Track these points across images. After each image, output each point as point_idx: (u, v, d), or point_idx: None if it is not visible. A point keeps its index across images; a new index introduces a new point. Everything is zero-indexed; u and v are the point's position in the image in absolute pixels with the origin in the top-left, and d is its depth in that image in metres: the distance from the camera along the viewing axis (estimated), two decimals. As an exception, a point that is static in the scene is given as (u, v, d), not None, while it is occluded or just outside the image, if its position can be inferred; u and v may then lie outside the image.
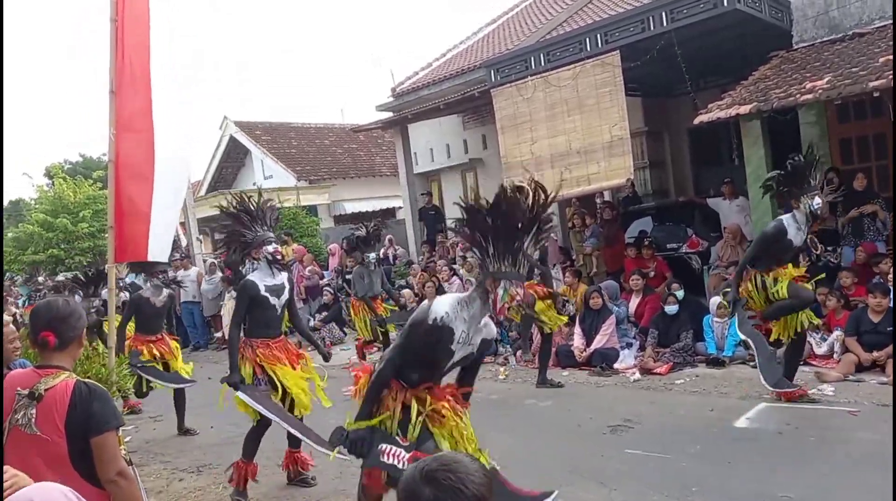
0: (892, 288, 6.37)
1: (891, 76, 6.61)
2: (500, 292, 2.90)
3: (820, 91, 7.15)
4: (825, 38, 8.68)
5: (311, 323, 11.21)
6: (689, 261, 9.32)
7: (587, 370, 7.50)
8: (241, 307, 4.56)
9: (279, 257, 4.62)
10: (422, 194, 13.89)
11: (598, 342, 7.62)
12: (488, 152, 13.07)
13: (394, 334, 8.75)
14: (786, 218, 5.36)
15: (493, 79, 10.13)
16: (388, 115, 14.40)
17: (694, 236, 9.55)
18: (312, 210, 17.47)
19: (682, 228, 9.87)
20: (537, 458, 4.89)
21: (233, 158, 21.80)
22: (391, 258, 13.08)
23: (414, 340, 3.07)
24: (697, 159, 12.46)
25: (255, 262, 4.72)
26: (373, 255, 8.43)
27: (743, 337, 5.70)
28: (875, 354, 6.07)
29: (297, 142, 21.25)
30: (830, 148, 8.99)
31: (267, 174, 20.36)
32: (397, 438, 3.07)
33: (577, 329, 7.92)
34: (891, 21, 8.30)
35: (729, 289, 6.01)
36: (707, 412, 5.50)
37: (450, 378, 3.35)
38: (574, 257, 10.69)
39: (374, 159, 21.46)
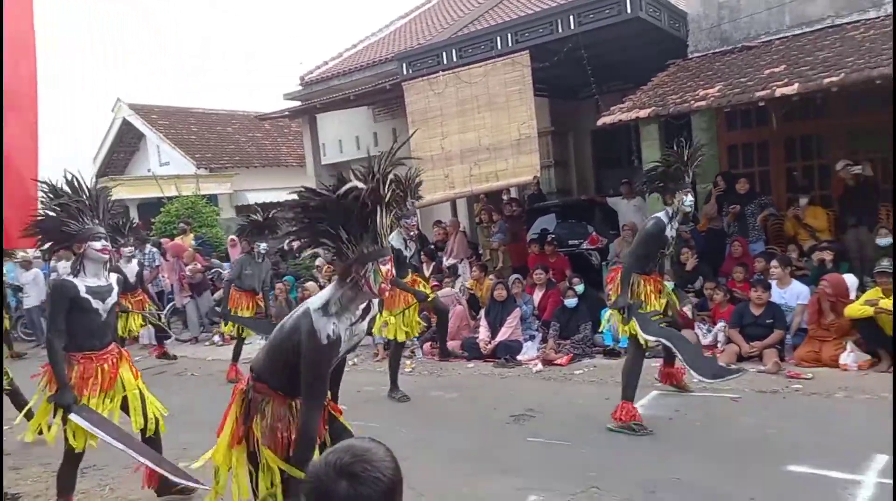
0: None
1: (774, 88, 7.13)
2: (370, 275, 2.67)
3: (712, 99, 7.60)
4: (717, 50, 9.26)
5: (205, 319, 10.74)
6: (589, 257, 9.69)
7: (492, 361, 7.62)
8: (57, 312, 3.86)
9: (107, 255, 3.99)
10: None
11: (503, 334, 7.77)
12: (398, 146, 13.00)
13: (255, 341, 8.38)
14: (661, 214, 5.29)
15: (404, 72, 10.08)
16: (295, 104, 14.02)
17: (594, 233, 9.92)
18: (213, 200, 16.75)
19: (583, 225, 10.22)
20: (441, 449, 4.91)
21: (126, 143, 20.56)
22: (295, 250, 12.75)
23: (324, 365, 2.72)
24: (599, 160, 12.98)
25: (76, 259, 3.95)
26: (263, 245, 8.04)
27: (653, 340, 5.08)
28: (755, 344, 6.52)
29: (198, 128, 20.32)
30: (719, 153, 9.61)
31: (163, 161, 19.34)
32: None
33: (483, 322, 8.04)
34: (776, 37, 8.97)
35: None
36: (604, 400, 5.71)
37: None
38: (481, 252, 10.85)
39: (279, 149, 20.86)
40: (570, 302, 7.75)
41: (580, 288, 7.83)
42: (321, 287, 9.83)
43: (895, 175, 7.48)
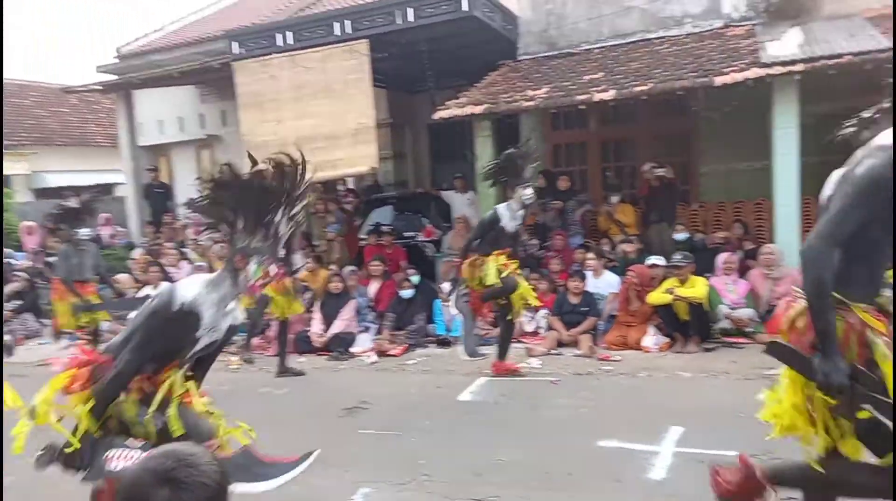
0: None
1: (593, 93, 7.69)
2: (252, 267, 2.72)
3: (539, 100, 8.04)
4: (545, 54, 9.80)
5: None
6: (424, 249, 9.84)
7: (325, 355, 7.46)
8: None
9: None
10: (147, 170, 12.51)
11: (337, 326, 7.64)
12: (228, 129, 12.28)
13: (109, 324, 7.76)
14: (501, 207, 5.86)
15: (234, 51, 9.53)
16: (110, 78, 12.70)
17: (429, 225, 10.10)
18: (6, 181, 14.73)
19: (418, 218, 10.37)
20: (270, 447, 4.69)
21: None
22: (107, 239, 11.60)
23: (153, 331, 2.70)
24: (435, 154, 13.23)
25: None
26: (86, 231, 7.33)
27: (454, 312, 6.50)
28: (573, 331, 7.02)
29: (-14, 98, 17.70)
30: (545, 152, 10.21)
31: (-58, 133, 16.62)
32: (127, 441, 2.70)
33: (317, 315, 7.85)
34: (595, 46, 9.67)
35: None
36: (435, 389, 5.83)
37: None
38: (316, 243, 10.59)
39: (88, 127, 18.82)
40: (406, 293, 7.82)
41: (415, 279, 7.93)
42: (137, 281, 9.03)
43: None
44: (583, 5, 9.73)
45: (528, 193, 5.74)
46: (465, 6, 8.30)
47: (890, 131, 2.06)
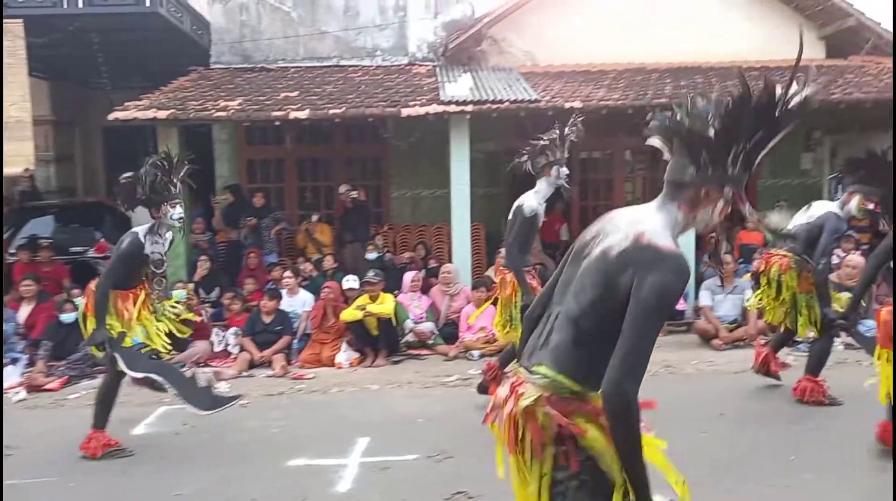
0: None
1: (289, 110, 7.69)
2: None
3: (232, 111, 7.75)
4: (239, 65, 9.52)
5: None
6: (96, 266, 8.65)
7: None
8: None
9: None
10: None
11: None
12: None
13: None
14: (140, 229, 4.66)
15: None
16: None
17: (103, 240, 8.94)
18: None
19: (90, 230, 9.12)
20: None
21: None
22: None
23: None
24: (111, 159, 11.81)
25: None
26: None
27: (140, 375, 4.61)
28: (266, 351, 6.83)
29: None
30: (239, 167, 9.85)
31: None
32: None
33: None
34: (292, 64, 9.71)
35: None
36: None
37: None
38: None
39: None
40: (68, 317, 6.74)
41: (80, 301, 6.89)
42: None
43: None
44: (278, 23, 9.73)
45: (178, 211, 4.63)
46: (147, 2, 7.63)
47: (653, 216, 1.83)
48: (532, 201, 4.96)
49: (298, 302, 7.50)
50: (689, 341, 7.33)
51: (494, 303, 5.63)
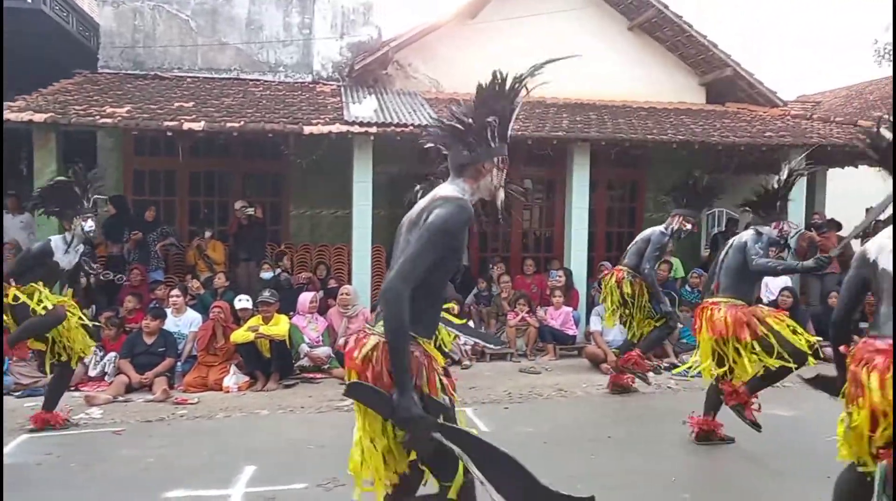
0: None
1: (182, 121, 7.34)
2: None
3: (119, 118, 7.30)
4: (130, 71, 9.02)
5: None
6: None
7: None
8: None
9: None
10: None
11: None
12: None
13: None
14: (56, 238, 5.03)
15: None
16: None
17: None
18: None
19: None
20: None
21: None
22: None
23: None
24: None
25: None
26: None
27: None
28: (148, 373, 6.38)
29: None
30: (125, 177, 9.27)
31: None
32: None
33: None
34: (188, 74, 9.31)
35: None
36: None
37: None
38: None
39: None
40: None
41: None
42: None
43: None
44: (175, 31, 9.33)
45: (89, 225, 4.96)
46: (30, -2, 7.10)
47: (446, 187, 2.33)
48: None
49: (185, 322, 7.10)
50: (579, 365, 7.57)
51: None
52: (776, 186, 4.74)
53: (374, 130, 7.73)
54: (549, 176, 10.15)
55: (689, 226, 5.88)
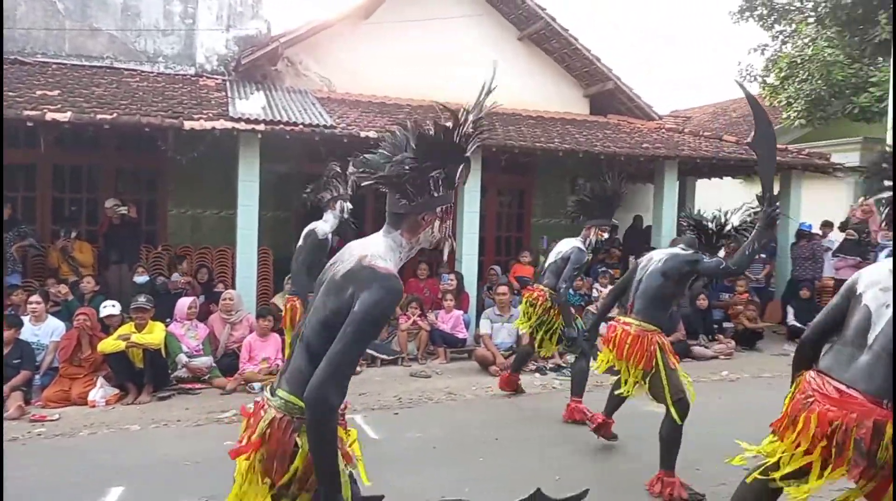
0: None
1: (46, 111, 6.71)
2: None
3: (-31, 105, 6.56)
4: (-17, 54, 8.14)
5: None
6: None
7: None
8: None
9: None
10: None
11: None
12: None
13: None
14: None
15: None
16: None
17: None
18: None
19: None
20: None
21: None
22: None
23: None
24: None
25: None
26: None
27: None
28: (-2, 389, 5.76)
29: None
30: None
31: None
32: None
33: None
34: (54, 60, 8.56)
35: None
36: None
37: None
38: None
39: None
40: None
41: None
42: None
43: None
44: (39, 12, 8.55)
45: None
46: None
47: (378, 243, 2.02)
48: (325, 226, 5.55)
49: (45, 331, 6.47)
50: (469, 367, 7.65)
51: (280, 332, 5.54)
52: (725, 227, 4.34)
53: (261, 127, 7.43)
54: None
55: (605, 235, 5.61)
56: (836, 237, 10.08)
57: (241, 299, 7.34)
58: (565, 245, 5.72)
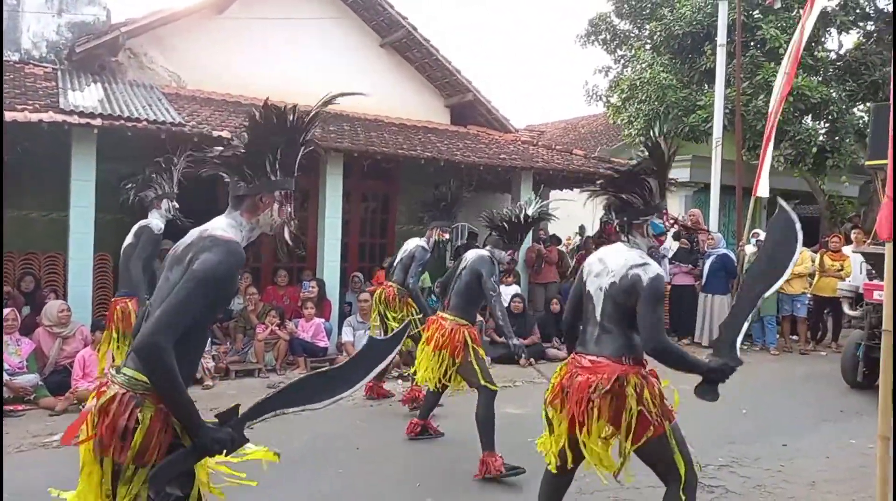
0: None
1: None
2: None
3: None
4: None
5: None
6: None
7: None
8: None
9: None
10: None
11: None
12: None
13: None
14: None
15: None
16: None
17: None
18: None
19: None
20: None
21: None
22: None
23: None
24: None
25: None
26: None
27: None
28: None
29: None
30: None
31: None
32: None
33: None
34: None
35: None
36: None
37: None
38: None
39: None
40: None
41: None
42: None
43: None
44: None
45: None
46: None
47: (220, 221, 2.14)
48: (159, 222, 5.46)
49: None
50: (330, 377, 7.46)
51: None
52: (522, 219, 4.76)
53: (98, 122, 6.78)
54: (303, 186, 9.93)
55: (446, 236, 6.37)
56: (672, 245, 11.05)
57: (70, 311, 6.64)
58: (411, 244, 6.34)
